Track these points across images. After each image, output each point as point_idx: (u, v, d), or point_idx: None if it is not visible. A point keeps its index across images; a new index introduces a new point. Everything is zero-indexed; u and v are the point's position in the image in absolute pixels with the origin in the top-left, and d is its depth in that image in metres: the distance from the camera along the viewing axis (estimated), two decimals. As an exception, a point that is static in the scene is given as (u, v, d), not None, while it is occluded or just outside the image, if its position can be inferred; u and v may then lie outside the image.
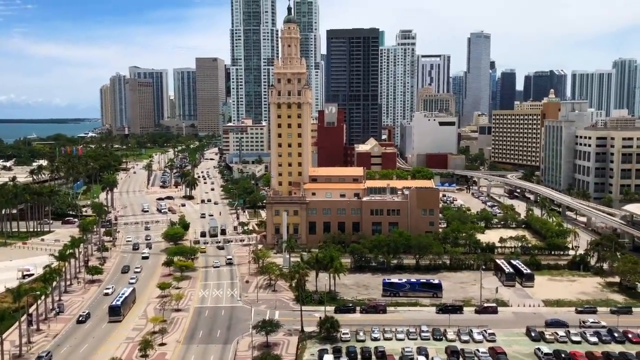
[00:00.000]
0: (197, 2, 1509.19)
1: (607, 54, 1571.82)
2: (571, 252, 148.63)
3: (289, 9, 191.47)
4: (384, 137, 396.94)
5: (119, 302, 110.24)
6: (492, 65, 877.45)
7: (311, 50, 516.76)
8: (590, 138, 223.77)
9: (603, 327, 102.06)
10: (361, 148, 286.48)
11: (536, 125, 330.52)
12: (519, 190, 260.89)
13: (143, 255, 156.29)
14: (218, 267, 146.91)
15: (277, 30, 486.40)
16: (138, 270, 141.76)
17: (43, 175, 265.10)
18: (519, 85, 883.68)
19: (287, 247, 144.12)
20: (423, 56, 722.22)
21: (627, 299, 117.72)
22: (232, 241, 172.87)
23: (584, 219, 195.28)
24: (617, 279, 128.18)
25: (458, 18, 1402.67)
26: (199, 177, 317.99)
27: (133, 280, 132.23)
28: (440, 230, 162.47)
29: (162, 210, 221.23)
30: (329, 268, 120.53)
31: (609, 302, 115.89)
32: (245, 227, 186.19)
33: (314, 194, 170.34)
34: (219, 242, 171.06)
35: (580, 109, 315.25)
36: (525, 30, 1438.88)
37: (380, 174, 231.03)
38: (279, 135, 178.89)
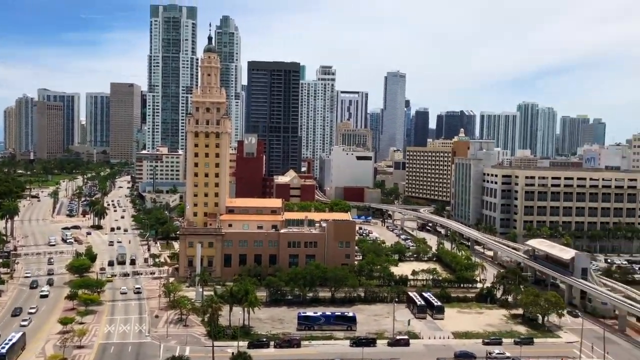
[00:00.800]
0: (115, 25, 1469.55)
1: (512, 97, 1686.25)
2: (479, 285, 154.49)
3: (210, 38, 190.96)
4: (303, 169, 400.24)
5: (3, 350, 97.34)
6: (407, 103, 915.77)
7: (232, 81, 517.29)
8: (496, 176, 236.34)
9: (507, 357, 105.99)
10: (280, 180, 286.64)
11: (447, 162, 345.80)
12: (430, 224, 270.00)
13: (42, 293, 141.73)
14: (125, 293, 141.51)
15: (197, 59, 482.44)
16: (33, 310, 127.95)
17: None
18: (432, 124, 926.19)
19: (200, 280, 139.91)
20: (342, 92, 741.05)
21: (529, 330, 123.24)
22: (142, 273, 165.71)
23: (490, 253, 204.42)
24: (520, 311, 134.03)
25: (375, 57, 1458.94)
26: (109, 206, 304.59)
27: (25, 323, 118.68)
28: (356, 262, 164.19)
29: (68, 240, 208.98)
30: (244, 302, 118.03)
31: (513, 333, 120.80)
32: (157, 259, 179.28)
33: (230, 225, 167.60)
34: (127, 273, 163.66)
35: (487, 148, 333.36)
36: (438, 71, 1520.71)
37: (299, 206, 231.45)
38: (196, 165, 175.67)
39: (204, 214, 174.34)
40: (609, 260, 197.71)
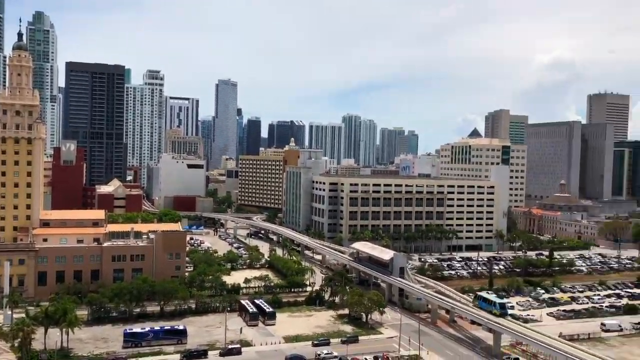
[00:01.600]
0: None
1: (338, 108, 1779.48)
2: (309, 289, 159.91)
3: (20, 34, 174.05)
4: (129, 178, 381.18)
5: None
6: (239, 112, 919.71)
7: (47, 82, 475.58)
8: (324, 183, 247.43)
9: (335, 357, 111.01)
10: (103, 189, 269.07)
11: (279, 171, 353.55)
12: (263, 232, 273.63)
13: None
14: None
15: (4, 56, 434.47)
16: None
17: None
18: (264, 133, 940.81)
19: (8, 301, 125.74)
20: (171, 98, 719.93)
21: (354, 329, 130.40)
22: None
23: (320, 257, 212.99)
24: (346, 311, 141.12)
25: (206, 64, 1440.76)
26: None
27: None
28: (187, 274, 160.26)
29: None
30: (62, 322, 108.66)
31: (340, 332, 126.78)
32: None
33: (45, 240, 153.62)
34: None
35: (316, 157, 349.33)
36: (269, 82, 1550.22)
37: (124, 217, 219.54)
38: (3, 174, 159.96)
39: (13, 228, 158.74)
40: (422, 259, 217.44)
